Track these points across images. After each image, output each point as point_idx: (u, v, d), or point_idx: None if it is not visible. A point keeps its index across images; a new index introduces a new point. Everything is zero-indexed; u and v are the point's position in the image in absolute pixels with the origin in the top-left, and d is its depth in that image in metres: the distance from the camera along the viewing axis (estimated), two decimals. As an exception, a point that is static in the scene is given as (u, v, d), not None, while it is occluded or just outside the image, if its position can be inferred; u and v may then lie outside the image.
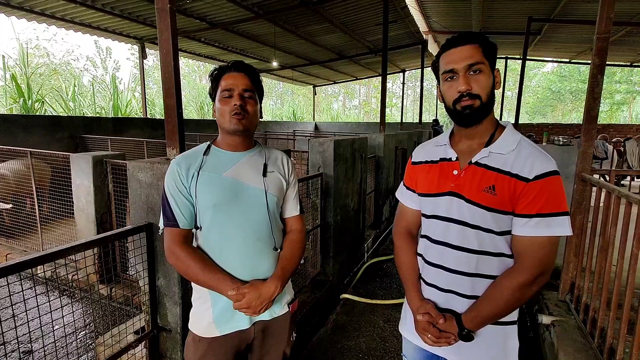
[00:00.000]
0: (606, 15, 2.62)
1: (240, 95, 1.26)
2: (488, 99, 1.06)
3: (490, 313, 1.07)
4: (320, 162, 3.62)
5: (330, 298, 3.56)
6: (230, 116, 1.25)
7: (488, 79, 1.06)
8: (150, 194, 1.80)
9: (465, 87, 1.04)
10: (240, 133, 1.29)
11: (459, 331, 1.09)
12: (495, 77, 1.09)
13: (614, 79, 25.90)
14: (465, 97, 1.05)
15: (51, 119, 7.22)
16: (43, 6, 7.17)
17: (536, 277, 1.02)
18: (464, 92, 1.05)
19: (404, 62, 14.81)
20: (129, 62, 24.12)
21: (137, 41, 9.63)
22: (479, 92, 1.05)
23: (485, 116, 1.09)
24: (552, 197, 1.01)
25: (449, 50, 1.08)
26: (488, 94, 1.06)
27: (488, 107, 1.08)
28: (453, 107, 1.08)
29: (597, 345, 2.24)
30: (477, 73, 1.04)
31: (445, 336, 1.11)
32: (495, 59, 1.10)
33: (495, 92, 1.10)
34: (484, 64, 1.05)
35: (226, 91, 1.26)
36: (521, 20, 8.78)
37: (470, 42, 1.05)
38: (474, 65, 1.04)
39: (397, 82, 31.98)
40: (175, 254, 1.24)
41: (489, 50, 1.07)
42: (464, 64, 1.04)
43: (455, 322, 1.11)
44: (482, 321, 1.09)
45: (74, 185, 3.63)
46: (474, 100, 1.05)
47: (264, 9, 8.17)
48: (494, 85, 1.08)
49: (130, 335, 1.86)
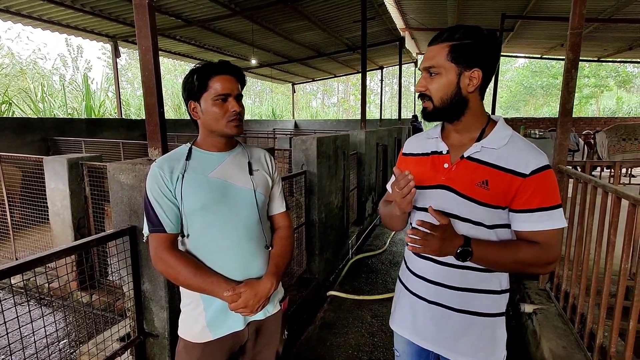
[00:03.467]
0: (579, 11, 2.70)
1: (237, 100, 1.25)
2: (443, 103, 1.06)
3: (497, 255, 1.05)
4: (304, 160, 3.60)
5: (317, 296, 3.56)
6: (227, 121, 1.23)
7: (444, 82, 1.05)
8: (133, 196, 1.75)
9: (419, 88, 1.09)
10: (233, 137, 1.30)
11: (463, 245, 1.03)
12: (470, 78, 1.04)
13: (583, 74, 26.88)
14: (421, 97, 1.10)
15: (20, 121, 6.91)
16: (8, 3, 6.85)
17: (548, 261, 1.04)
18: (419, 92, 1.09)
19: (382, 59, 14.93)
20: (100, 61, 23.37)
21: (110, 39, 9.32)
22: (431, 94, 1.07)
23: (446, 118, 1.12)
24: (550, 190, 1.03)
25: (428, 47, 1.10)
26: (443, 97, 1.06)
27: (445, 111, 1.08)
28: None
29: (578, 330, 2.32)
30: (434, 75, 1.06)
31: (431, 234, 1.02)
32: (475, 57, 1.03)
33: (467, 93, 1.06)
34: (444, 67, 1.04)
35: (222, 95, 1.22)
36: (495, 17, 8.99)
37: (441, 42, 1.04)
38: (430, 68, 1.06)
39: (374, 79, 32.19)
40: (163, 260, 1.20)
41: (462, 50, 1.02)
42: (424, 65, 1.07)
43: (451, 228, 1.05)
44: (484, 253, 1.05)
45: (49, 190, 3.49)
46: (427, 103, 1.09)
47: (241, 6, 8.06)
48: (461, 87, 1.05)
49: (115, 342, 1.80)
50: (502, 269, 1.11)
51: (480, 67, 1.03)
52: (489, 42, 1.04)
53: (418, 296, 1.22)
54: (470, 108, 1.09)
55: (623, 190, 1.86)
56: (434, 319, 1.19)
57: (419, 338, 1.24)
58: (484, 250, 1.04)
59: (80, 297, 3.44)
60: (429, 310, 1.19)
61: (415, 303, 1.23)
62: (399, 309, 1.32)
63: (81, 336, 3.04)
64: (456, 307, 1.14)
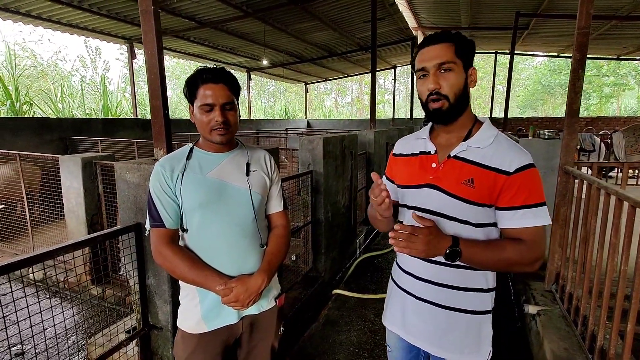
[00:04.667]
0: (586, 11, 2.68)
1: (222, 110, 1.26)
2: (457, 99, 1.08)
3: (483, 255, 1.06)
4: (310, 159, 3.65)
5: (322, 294, 3.60)
6: (211, 130, 1.27)
7: (458, 77, 1.07)
8: (138, 194, 1.82)
9: (434, 85, 1.07)
10: (224, 144, 1.32)
11: (451, 246, 1.04)
12: (470, 75, 1.10)
13: (602, 72, 26.20)
14: (433, 96, 1.08)
15: (40, 121, 7.16)
16: (29, 7, 7.10)
17: (533, 259, 1.06)
18: (432, 91, 1.07)
19: (395, 58, 14.86)
20: (119, 62, 23.90)
21: (126, 41, 9.57)
22: (447, 92, 1.07)
23: (457, 115, 1.12)
24: (534, 188, 1.05)
25: (424, 48, 1.10)
26: (457, 93, 1.08)
27: (457, 108, 1.10)
28: (426, 105, 1.12)
29: (580, 332, 2.31)
30: (447, 72, 1.07)
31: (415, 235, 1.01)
32: (472, 57, 1.11)
33: (469, 90, 1.12)
34: (455, 63, 1.07)
35: (206, 105, 1.25)
36: (509, 15, 8.87)
37: (443, 41, 1.07)
38: (444, 64, 1.06)
39: (388, 78, 32.05)
40: (162, 253, 1.27)
41: (463, 49, 1.08)
42: (434, 62, 1.07)
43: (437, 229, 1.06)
44: (472, 253, 1.05)
45: (64, 187, 3.63)
46: (442, 102, 1.08)
47: (252, 7, 8.16)
48: (467, 84, 1.10)
49: (122, 334, 1.89)
50: (489, 268, 1.13)
51: (473, 66, 1.11)
52: (473, 44, 1.12)
53: (407, 292, 1.25)
54: (468, 106, 1.14)
55: (624, 193, 1.85)
56: (421, 316, 1.21)
57: (408, 334, 1.27)
58: (471, 250, 1.06)
59: (94, 289, 3.57)
60: (417, 307, 1.22)
61: (405, 299, 1.26)
62: (390, 305, 1.36)
63: (93, 328, 3.16)
64: (443, 304, 1.17)
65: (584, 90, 26.80)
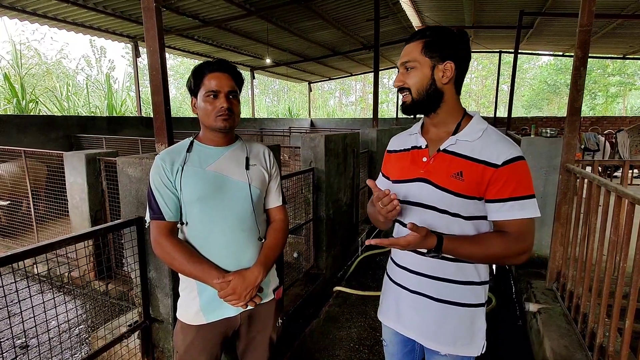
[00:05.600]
0: (588, 8, 2.66)
1: (227, 97, 1.30)
2: (421, 95, 1.12)
3: (467, 249, 1.07)
4: (312, 157, 3.66)
5: (323, 291, 3.62)
6: (216, 116, 1.29)
7: (419, 74, 1.11)
8: (140, 188, 1.85)
9: (396, 83, 1.16)
10: (225, 131, 1.34)
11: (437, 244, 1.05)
12: (444, 69, 1.10)
13: (608, 72, 26.00)
14: (401, 91, 1.16)
15: (45, 119, 7.22)
16: (35, 6, 7.17)
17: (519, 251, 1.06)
18: (398, 87, 1.16)
19: (398, 57, 14.79)
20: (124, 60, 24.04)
21: (131, 40, 9.62)
22: (409, 87, 1.13)
23: (426, 109, 1.16)
24: (522, 181, 1.06)
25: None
26: (420, 89, 1.12)
27: (424, 102, 1.14)
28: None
29: (580, 330, 2.31)
30: (409, 70, 1.13)
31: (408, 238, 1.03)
32: (447, 51, 1.10)
33: (442, 85, 1.12)
34: (417, 61, 1.11)
35: (211, 92, 1.29)
36: (513, 13, 8.83)
37: (414, 40, 1.13)
38: (407, 63, 1.13)
39: (392, 77, 31.97)
40: (161, 245, 1.28)
41: (433, 46, 1.10)
42: (401, 61, 1.15)
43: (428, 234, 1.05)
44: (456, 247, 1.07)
45: (68, 183, 3.67)
46: (406, 97, 1.15)
47: (256, 6, 8.18)
48: (436, 79, 1.11)
49: (124, 327, 1.91)
50: (477, 261, 1.14)
51: (452, 59, 1.10)
52: (457, 36, 1.12)
53: (401, 286, 1.27)
54: (446, 101, 1.14)
55: (623, 189, 1.85)
56: (415, 308, 1.23)
57: (403, 327, 1.28)
58: (455, 250, 1.07)
59: (98, 284, 3.60)
60: (411, 300, 1.24)
61: (399, 293, 1.28)
62: (385, 300, 1.37)
63: (97, 322, 3.20)
64: (436, 297, 1.18)
65: (589, 90, 26.62)
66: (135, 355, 1.95)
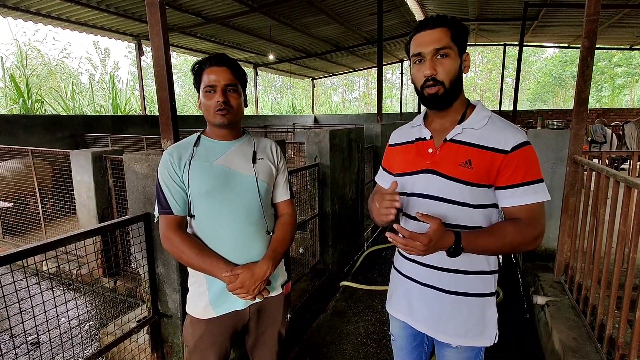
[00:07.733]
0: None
1: (223, 91, 1.28)
2: (452, 85, 1.09)
3: (485, 244, 1.06)
4: (317, 152, 3.66)
5: (329, 286, 3.62)
6: (214, 111, 1.29)
7: (454, 63, 1.08)
8: (147, 184, 1.85)
9: (431, 71, 1.07)
10: (226, 127, 1.34)
11: (453, 244, 1.03)
12: (464, 61, 1.11)
13: (614, 62, 25.67)
14: (429, 82, 1.08)
15: (51, 119, 7.27)
16: (38, 6, 7.19)
17: (534, 236, 1.06)
18: (429, 77, 1.07)
19: (402, 52, 14.75)
20: (127, 59, 24.08)
21: (134, 38, 9.63)
22: (443, 78, 1.07)
23: (452, 101, 1.13)
24: (532, 165, 1.06)
25: (419, 33, 1.09)
26: (452, 79, 1.08)
27: (452, 93, 1.10)
28: (421, 91, 1.11)
29: (589, 322, 2.29)
30: (443, 57, 1.06)
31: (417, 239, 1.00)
32: (466, 43, 1.11)
33: (462, 76, 1.12)
34: (451, 49, 1.07)
35: (209, 87, 1.28)
36: (517, 5, 8.74)
37: (440, 26, 1.07)
38: (441, 50, 1.06)
39: (396, 72, 31.79)
40: (170, 239, 1.29)
41: (458, 35, 1.08)
42: (431, 47, 1.06)
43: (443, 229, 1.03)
44: (474, 245, 1.05)
45: (75, 182, 3.70)
46: (438, 88, 1.08)
47: (258, 2, 8.16)
48: (461, 69, 1.11)
49: (133, 322, 1.93)
50: (494, 253, 1.13)
51: (466, 50, 1.11)
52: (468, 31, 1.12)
53: (412, 279, 1.26)
54: (462, 91, 1.15)
55: (632, 179, 1.83)
56: (426, 301, 1.22)
57: (414, 320, 1.28)
58: (474, 242, 1.05)
59: (107, 282, 3.63)
60: (421, 293, 1.23)
61: (410, 286, 1.27)
62: (395, 293, 1.37)
63: (106, 318, 3.23)
64: (447, 289, 1.18)
65: (596, 82, 26.31)
66: (145, 350, 1.97)
